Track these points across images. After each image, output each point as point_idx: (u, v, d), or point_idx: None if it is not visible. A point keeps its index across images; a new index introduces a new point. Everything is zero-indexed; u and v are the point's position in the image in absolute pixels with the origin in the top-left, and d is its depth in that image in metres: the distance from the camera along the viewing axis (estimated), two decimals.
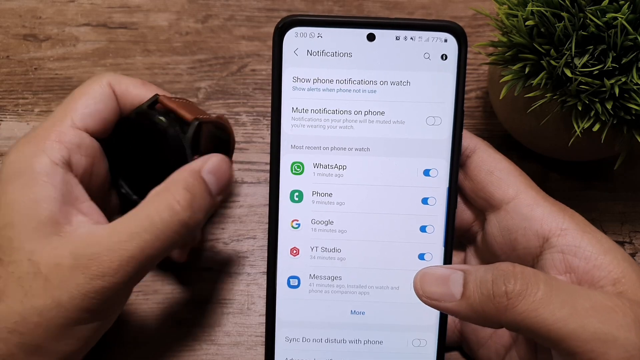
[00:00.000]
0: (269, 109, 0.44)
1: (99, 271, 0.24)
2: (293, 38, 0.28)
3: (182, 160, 0.29)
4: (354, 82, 0.29)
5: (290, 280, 0.30)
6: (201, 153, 0.30)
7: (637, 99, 0.30)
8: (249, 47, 0.46)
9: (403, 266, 0.30)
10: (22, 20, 0.46)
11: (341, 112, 0.29)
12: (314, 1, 0.49)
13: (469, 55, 0.29)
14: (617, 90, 0.30)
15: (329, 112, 0.29)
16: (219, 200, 0.29)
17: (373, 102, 0.29)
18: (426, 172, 0.30)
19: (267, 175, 0.32)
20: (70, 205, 0.26)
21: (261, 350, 0.34)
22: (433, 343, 0.30)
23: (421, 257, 0.30)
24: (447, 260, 0.30)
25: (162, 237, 0.26)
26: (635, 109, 0.30)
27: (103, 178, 0.30)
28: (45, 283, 0.24)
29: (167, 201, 0.26)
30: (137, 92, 0.31)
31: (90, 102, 0.29)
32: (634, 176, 0.42)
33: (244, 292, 0.36)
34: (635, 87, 0.30)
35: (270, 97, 0.29)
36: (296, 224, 0.30)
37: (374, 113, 0.29)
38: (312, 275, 0.30)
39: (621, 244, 0.39)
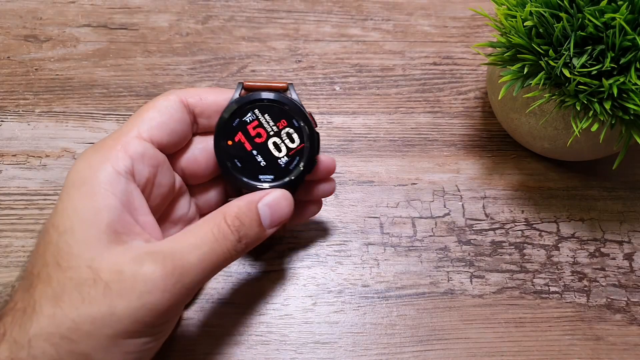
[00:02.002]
0: None
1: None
2: None
3: (304, 116, 0.30)
4: None
5: None
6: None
7: (636, 99, 0.30)
8: (249, 48, 0.46)
9: None
10: (23, 21, 0.46)
11: None
12: (314, 2, 0.49)
13: (467, 56, 0.28)
14: (615, 91, 0.30)
15: None
16: (271, 232, 0.30)
17: None
18: None
19: None
20: (129, 215, 0.26)
21: (261, 350, 0.34)
22: None
23: None
24: None
25: (216, 253, 0.27)
26: (634, 109, 0.30)
27: (166, 190, 0.30)
28: (105, 290, 0.24)
29: (220, 223, 0.27)
30: (212, 97, 0.31)
31: (156, 114, 0.29)
32: (632, 176, 0.42)
33: (244, 292, 0.36)
34: (633, 87, 0.30)
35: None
36: None
37: None
38: None
39: (620, 243, 0.39)
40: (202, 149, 0.31)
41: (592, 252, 0.38)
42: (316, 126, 0.31)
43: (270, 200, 0.29)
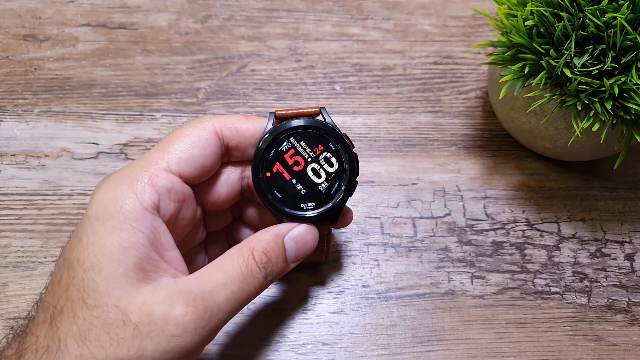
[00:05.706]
0: (269, 109, 0.44)
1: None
2: None
3: (340, 139, 0.29)
4: None
5: None
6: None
7: (637, 98, 0.30)
8: (248, 47, 0.46)
9: None
10: (22, 20, 0.46)
11: None
12: (314, 1, 0.49)
13: (467, 55, 0.28)
14: (616, 90, 0.30)
15: None
16: (293, 266, 0.29)
17: None
18: None
19: None
20: (156, 253, 0.26)
21: (261, 351, 0.34)
22: None
23: None
24: None
25: (244, 292, 0.26)
26: (635, 109, 0.30)
27: (187, 223, 0.29)
28: (135, 332, 0.23)
29: (248, 259, 0.27)
30: (246, 126, 0.30)
31: (189, 146, 0.28)
32: (633, 175, 0.42)
33: None
34: (634, 87, 0.30)
35: (270, 97, 0.28)
36: None
37: None
38: None
39: (621, 243, 0.39)
40: (224, 181, 0.30)
41: (593, 253, 0.38)
42: (353, 147, 0.30)
43: (296, 234, 0.29)
